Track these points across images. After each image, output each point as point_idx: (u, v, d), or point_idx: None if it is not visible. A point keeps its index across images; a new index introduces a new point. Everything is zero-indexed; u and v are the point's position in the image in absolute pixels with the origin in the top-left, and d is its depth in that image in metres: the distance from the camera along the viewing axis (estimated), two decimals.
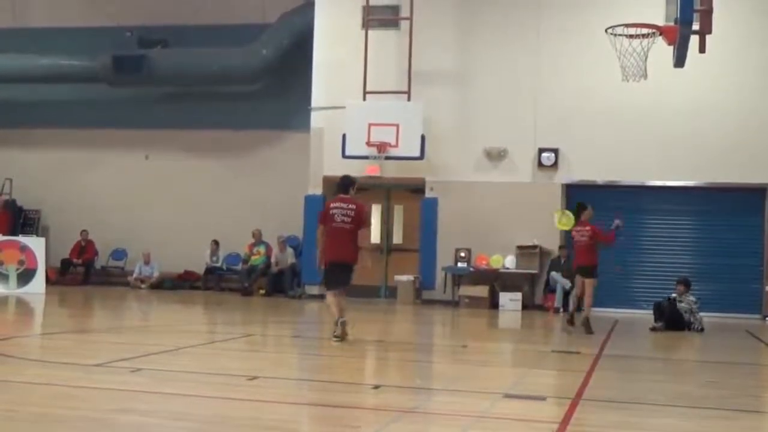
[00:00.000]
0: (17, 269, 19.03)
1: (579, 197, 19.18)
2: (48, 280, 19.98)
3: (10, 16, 24.33)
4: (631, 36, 14.33)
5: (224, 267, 22.46)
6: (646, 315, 15.63)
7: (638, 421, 7.13)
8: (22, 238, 19.81)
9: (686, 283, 15.47)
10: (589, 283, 14.24)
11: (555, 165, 19.58)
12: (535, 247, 19.23)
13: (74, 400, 7.20)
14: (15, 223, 22.94)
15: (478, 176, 19.88)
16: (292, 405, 7.37)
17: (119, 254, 23.54)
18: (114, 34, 23.17)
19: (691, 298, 15.25)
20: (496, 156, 19.86)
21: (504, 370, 10.55)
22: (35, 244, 19.40)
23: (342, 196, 11.63)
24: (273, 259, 21.31)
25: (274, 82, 22.64)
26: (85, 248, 23.10)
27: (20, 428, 6.16)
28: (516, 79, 19.82)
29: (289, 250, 21.18)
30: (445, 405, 7.59)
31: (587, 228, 14.27)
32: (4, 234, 19.98)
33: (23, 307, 17.24)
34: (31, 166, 23.91)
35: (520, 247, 19.42)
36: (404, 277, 19.84)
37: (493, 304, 19.12)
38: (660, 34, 14.01)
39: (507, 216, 19.55)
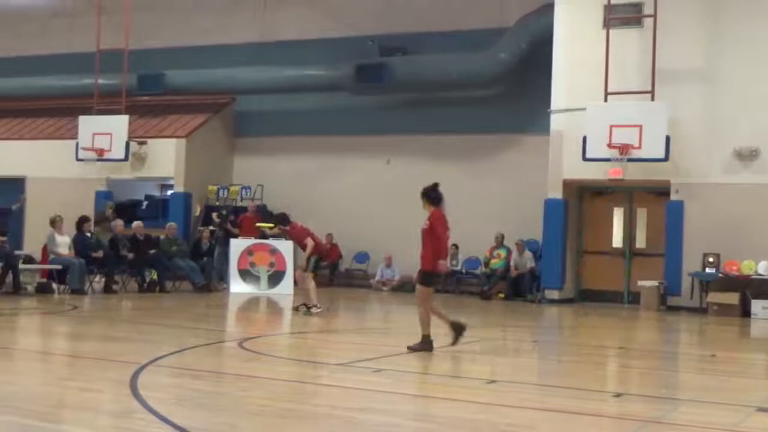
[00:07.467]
0: (268, 271, 20.04)
1: None
2: (296, 282, 20.80)
3: (258, 32, 25.58)
4: None
5: (464, 270, 22.59)
6: None
7: None
8: (272, 242, 20.72)
9: None
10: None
11: None
12: None
13: (319, 397, 7.46)
14: None
15: (727, 177, 18.91)
16: (530, 410, 7.29)
17: (362, 257, 24.19)
18: (356, 44, 23.93)
19: None
20: (747, 156, 18.84)
21: (757, 382, 9.98)
22: (284, 247, 20.24)
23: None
24: (512, 263, 21.22)
25: (512, 85, 22.53)
26: (330, 251, 23.91)
27: (270, 422, 6.46)
28: None
29: (528, 254, 21.01)
30: (692, 416, 7.26)
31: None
32: (256, 237, 20.98)
33: (273, 307, 18.10)
34: (280, 173, 25.00)
35: None
36: (648, 283, 19.24)
37: (744, 312, 18.13)
38: None
39: (759, 219, 18.49)
